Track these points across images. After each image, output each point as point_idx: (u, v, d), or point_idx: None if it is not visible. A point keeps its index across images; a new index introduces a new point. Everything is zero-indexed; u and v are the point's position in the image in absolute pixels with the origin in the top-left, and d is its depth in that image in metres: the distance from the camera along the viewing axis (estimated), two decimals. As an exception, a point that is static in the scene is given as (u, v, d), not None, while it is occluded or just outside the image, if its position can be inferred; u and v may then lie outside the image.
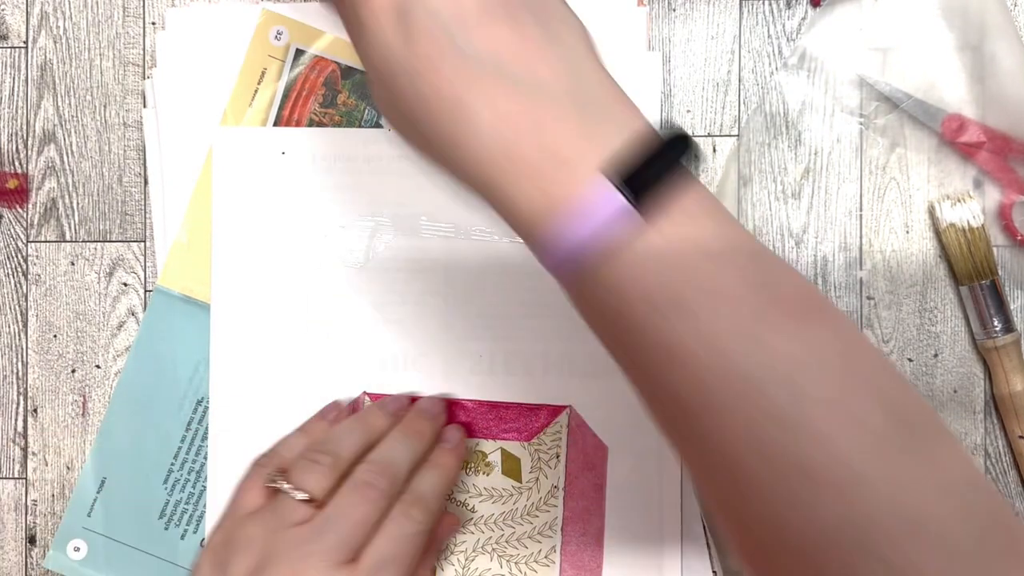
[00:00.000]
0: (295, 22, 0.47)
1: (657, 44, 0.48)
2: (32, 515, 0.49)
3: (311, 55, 0.47)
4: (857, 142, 0.47)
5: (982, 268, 0.45)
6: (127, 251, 0.49)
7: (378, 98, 0.34)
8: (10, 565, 0.48)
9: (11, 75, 0.49)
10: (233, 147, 0.47)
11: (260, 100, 0.47)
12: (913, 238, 0.47)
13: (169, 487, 0.48)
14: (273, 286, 0.47)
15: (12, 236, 0.49)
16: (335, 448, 0.41)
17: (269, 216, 0.47)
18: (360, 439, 0.42)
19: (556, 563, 0.46)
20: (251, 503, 0.41)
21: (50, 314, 0.49)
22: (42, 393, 0.49)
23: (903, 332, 0.47)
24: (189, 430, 0.48)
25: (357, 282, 0.47)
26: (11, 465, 0.49)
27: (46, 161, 0.49)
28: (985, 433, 0.47)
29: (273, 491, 0.40)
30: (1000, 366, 0.45)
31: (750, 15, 0.48)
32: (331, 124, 0.48)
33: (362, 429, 0.43)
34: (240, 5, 0.48)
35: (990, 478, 0.47)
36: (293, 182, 0.47)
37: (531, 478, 0.47)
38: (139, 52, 0.49)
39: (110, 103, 0.49)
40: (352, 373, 0.47)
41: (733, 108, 0.48)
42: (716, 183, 0.47)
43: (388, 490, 0.40)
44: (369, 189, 0.47)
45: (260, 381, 0.47)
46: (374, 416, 0.44)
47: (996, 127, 0.46)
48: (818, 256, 0.47)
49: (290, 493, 0.39)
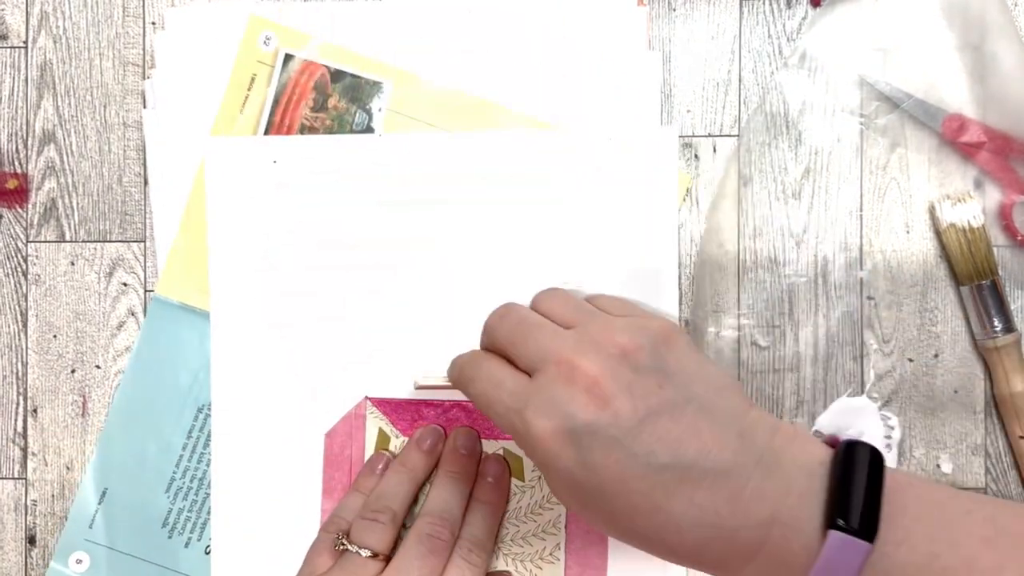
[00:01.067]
0: (283, 27, 0.47)
1: (657, 44, 0.48)
2: (32, 515, 0.48)
3: (300, 60, 0.47)
4: (857, 142, 0.47)
5: (982, 268, 0.45)
6: (127, 251, 0.49)
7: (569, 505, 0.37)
8: (10, 565, 0.48)
9: (11, 75, 0.49)
10: (225, 157, 0.47)
11: (251, 106, 0.47)
12: (913, 238, 0.47)
13: (172, 495, 0.47)
14: (271, 294, 0.47)
15: (12, 236, 0.49)
16: (389, 503, 0.44)
17: (264, 224, 0.47)
18: (409, 488, 0.45)
19: (561, 560, 0.46)
20: (322, 567, 0.43)
21: (50, 314, 0.49)
22: (42, 393, 0.49)
23: (903, 332, 0.47)
24: (191, 438, 0.48)
25: (354, 287, 0.47)
26: (11, 465, 0.49)
27: (46, 161, 0.49)
28: (985, 433, 0.47)
29: (340, 553, 0.43)
30: (1000, 366, 0.45)
31: (750, 15, 0.48)
32: (322, 128, 0.47)
33: (409, 477, 0.45)
34: (240, 5, 0.48)
35: (990, 479, 0.47)
36: (286, 190, 0.47)
37: (533, 476, 0.47)
38: (139, 52, 0.49)
39: (110, 103, 0.49)
40: (353, 378, 0.47)
41: (733, 108, 0.48)
42: (716, 183, 0.47)
43: (450, 539, 0.42)
44: (363, 194, 0.47)
45: (261, 387, 0.47)
46: (414, 459, 0.45)
47: (997, 127, 0.46)
48: (818, 256, 0.47)
49: (358, 552, 0.42)
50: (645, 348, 0.35)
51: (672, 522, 0.33)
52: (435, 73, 0.47)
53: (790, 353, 0.47)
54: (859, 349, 0.47)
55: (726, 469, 0.33)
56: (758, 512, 0.32)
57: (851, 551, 0.31)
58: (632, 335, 0.35)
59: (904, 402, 0.47)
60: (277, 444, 0.47)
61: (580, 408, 0.33)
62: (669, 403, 0.34)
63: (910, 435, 0.47)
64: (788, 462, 0.33)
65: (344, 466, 0.47)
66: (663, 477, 0.33)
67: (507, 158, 0.47)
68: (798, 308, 0.47)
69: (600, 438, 0.33)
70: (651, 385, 0.34)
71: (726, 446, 0.33)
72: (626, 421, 0.33)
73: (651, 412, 0.33)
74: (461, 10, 0.47)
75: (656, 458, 0.33)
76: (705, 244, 0.47)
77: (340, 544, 0.43)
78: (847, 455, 0.33)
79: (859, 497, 0.32)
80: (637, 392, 0.34)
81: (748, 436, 0.34)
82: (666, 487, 0.33)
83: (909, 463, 0.47)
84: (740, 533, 0.33)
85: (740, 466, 0.33)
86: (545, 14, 0.47)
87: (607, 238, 0.46)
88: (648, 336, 0.35)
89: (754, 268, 0.47)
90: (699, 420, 0.33)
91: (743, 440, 0.33)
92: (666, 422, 0.33)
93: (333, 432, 0.47)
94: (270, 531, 0.47)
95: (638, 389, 0.34)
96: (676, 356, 0.35)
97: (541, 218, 0.47)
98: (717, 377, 0.36)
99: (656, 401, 0.33)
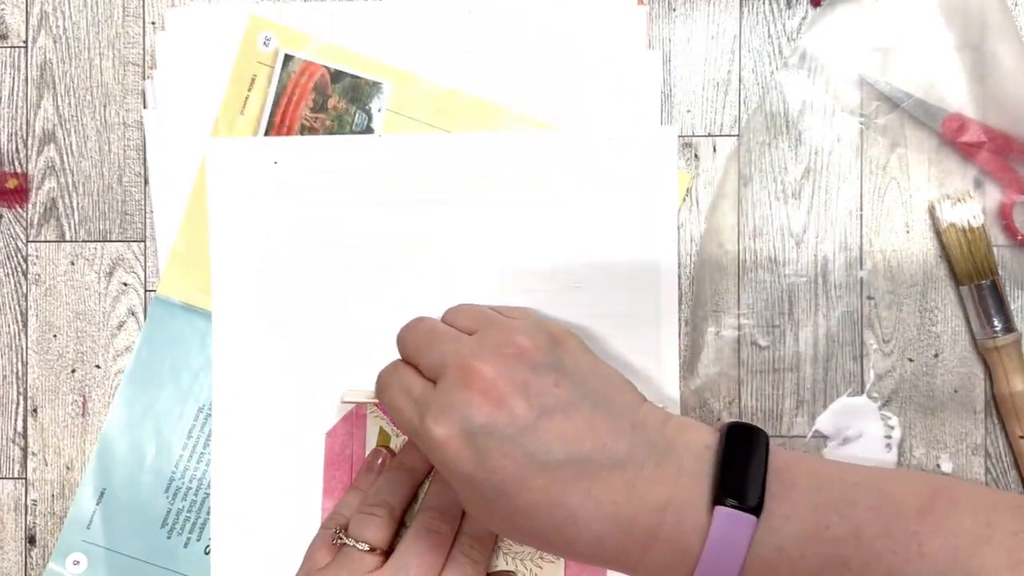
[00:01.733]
0: (283, 27, 0.47)
1: (657, 44, 0.48)
2: (32, 515, 0.48)
3: (300, 60, 0.47)
4: (857, 142, 0.47)
5: (982, 268, 0.45)
6: (127, 251, 0.49)
7: (471, 509, 0.37)
8: (10, 565, 0.48)
9: (11, 75, 0.49)
10: (225, 158, 0.47)
11: (251, 107, 0.47)
12: (913, 238, 0.47)
13: (171, 496, 0.47)
14: (272, 294, 0.47)
15: (12, 236, 0.49)
16: (386, 498, 0.44)
17: (265, 225, 0.47)
18: (407, 485, 0.44)
19: (561, 559, 0.46)
20: (320, 562, 0.43)
21: (50, 314, 0.49)
22: (42, 393, 0.49)
23: (903, 332, 0.47)
24: (191, 438, 0.48)
25: (355, 287, 0.47)
26: (11, 465, 0.49)
27: (46, 161, 0.49)
28: (985, 433, 0.47)
29: (338, 547, 0.43)
30: (1000, 366, 0.45)
31: (750, 15, 0.48)
32: (322, 129, 0.48)
33: (407, 474, 0.45)
34: (240, 5, 0.48)
35: (990, 478, 0.47)
36: (287, 191, 0.47)
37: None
38: (139, 52, 0.49)
39: (110, 103, 0.49)
40: (353, 377, 0.47)
41: (733, 108, 0.48)
42: (716, 183, 0.47)
43: (450, 534, 0.42)
44: (363, 194, 0.47)
45: (262, 386, 0.47)
46: (412, 457, 0.45)
47: (997, 127, 0.46)
48: (818, 256, 0.47)
49: (355, 546, 0.42)
50: (541, 348, 0.36)
51: (570, 517, 0.33)
52: (435, 73, 0.47)
53: (790, 353, 0.47)
54: (859, 349, 0.47)
55: (621, 460, 0.34)
56: (653, 498, 0.33)
57: (739, 526, 0.32)
58: (529, 335, 0.37)
59: (904, 402, 0.47)
60: (277, 444, 0.47)
61: (476, 410, 0.34)
62: (564, 400, 0.35)
63: (910, 435, 0.47)
64: (680, 447, 0.34)
65: (345, 465, 0.47)
66: (560, 473, 0.33)
67: (507, 158, 0.47)
68: (798, 308, 0.47)
69: (497, 438, 0.34)
70: (547, 383, 0.35)
71: (620, 438, 0.34)
72: (522, 420, 0.34)
73: (546, 410, 0.34)
74: (461, 10, 0.47)
75: (552, 455, 0.33)
76: (705, 244, 0.47)
77: (337, 538, 0.43)
78: (732, 436, 0.34)
79: (743, 474, 0.33)
80: (532, 391, 0.35)
81: (641, 427, 0.35)
82: (563, 483, 0.33)
83: (909, 463, 0.47)
84: (637, 521, 0.33)
85: (634, 456, 0.34)
86: (545, 14, 0.47)
87: (607, 238, 0.46)
88: (544, 336, 0.37)
89: (754, 268, 0.47)
90: (594, 415, 0.34)
91: (636, 431, 0.35)
92: (561, 419, 0.34)
93: (334, 431, 0.47)
94: (270, 531, 0.47)
95: (533, 387, 0.35)
96: (572, 355, 0.37)
97: (541, 218, 0.47)
98: (611, 375, 0.37)
99: (551, 399, 0.34)
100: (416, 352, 0.39)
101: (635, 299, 0.46)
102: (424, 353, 0.38)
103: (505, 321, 0.39)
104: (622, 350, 0.46)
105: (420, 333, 0.40)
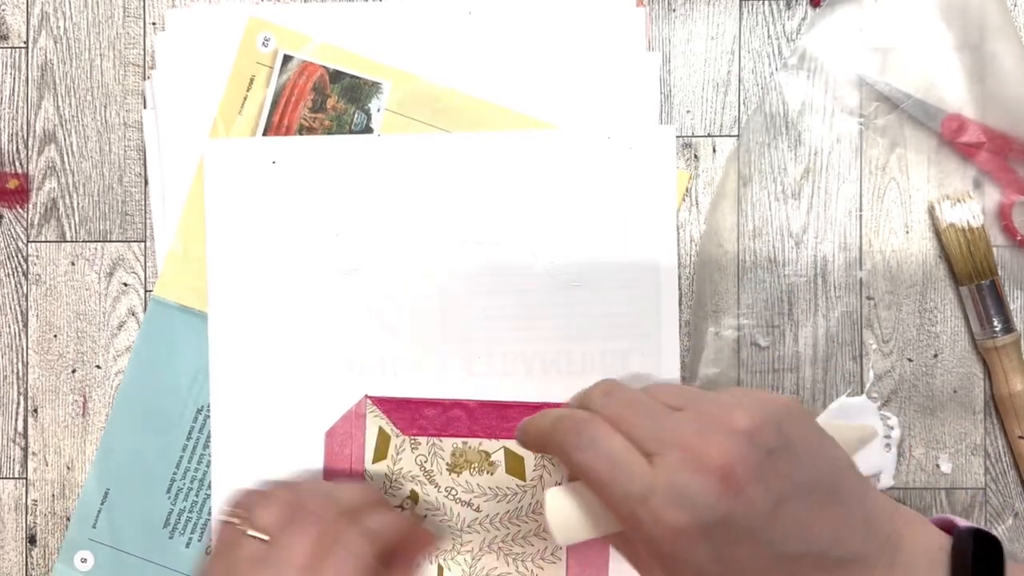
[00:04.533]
0: (282, 28, 0.47)
1: (657, 44, 0.48)
2: (32, 515, 0.49)
3: (299, 60, 0.47)
4: (857, 142, 0.47)
5: (982, 268, 0.45)
6: (127, 251, 0.49)
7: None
8: (10, 565, 0.48)
9: (11, 75, 0.49)
10: (224, 159, 0.47)
11: (250, 107, 0.48)
12: (913, 238, 0.47)
13: (172, 496, 0.48)
14: (269, 295, 0.47)
15: (12, 236, 0.49)
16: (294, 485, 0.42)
17: (263, 226, 0.47)
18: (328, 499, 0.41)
19: (563, 560, 0.46)
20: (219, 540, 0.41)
21: (50, 314, 0.49)
22: (42, 393, 0.49)
23: (903, 332, 0.47)
24: (190, 439, 0.48)
25: (353, 288, 0.47)
26: (11, 465, 0.49)
27: (46, 161, 0.49)
28: (985, 433, 0.47)
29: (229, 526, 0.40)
30: (1000, 366, 0.45)
31: (750, 15, 0.48)
32: (321, 129, 0.48)
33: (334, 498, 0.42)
34: (240, 6, 0.48)
35: (989, 478, 0.47)
36: (285, 191, 0.47)
37: (535, 476, 0.47)
38: (139, 52, 0.49)
39: (110, 103, 0.49)
40: (353, 377, 0.47)
41: (733, 108, 0.48)
42: (716, 183, 0.47)
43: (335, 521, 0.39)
44: (361, 195, 0.47)
45: (260, 387, 0.47)
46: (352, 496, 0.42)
47: (996, 127, 0.46)
48: (818, 256, 0.47)
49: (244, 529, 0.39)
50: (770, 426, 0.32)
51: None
52: (435, 73, 0.47)
53: (790, 353, 0.47)
54: (858, 349, 0.47)
55: (855, 556, 0.32)
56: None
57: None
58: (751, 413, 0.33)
59: (903, 402, 0.47)
60: (277, 443, 0.47)
61: (714, 499, 0.31)
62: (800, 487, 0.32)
63: (909, 435, 0.47)
64: (909, 547, 0.33)
65: (344, 465, 0.47)
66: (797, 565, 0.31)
67: (506, 158, 0.47)
68: (798, 308, 0.47)
69: (735, 529, 0.31)
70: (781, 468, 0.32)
71: (855, 533, 0.32)
72: (760, 509, 0.31)
73: (783, 498, 0.31)
74: (461, 11, 0.47)
75: (790, 546, 0.31)
76: (705, 244, 0.47)
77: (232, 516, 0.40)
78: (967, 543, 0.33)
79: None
80: (769, 476, 0.31)
81: (873, 521, 0.33)
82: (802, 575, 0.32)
83: (908, 463, 0.47)
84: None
85: (867, 553, 0.32)
86: (545, 15, 0.47)
87: (606, 238, 0.46)
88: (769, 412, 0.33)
89: (754, 268, 0.47)
90: (828, 505, 0.32)
91: (868, 525, 0.33)
92: (798, 508, 0.32)
93: (333, 431, 0.47)
94: (270, 531, 0.47)
95: (769, 473, 0.31)
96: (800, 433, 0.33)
97: (541, 218, 0.47)
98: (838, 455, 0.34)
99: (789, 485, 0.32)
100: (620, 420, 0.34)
101: (635, 299, 0.46)
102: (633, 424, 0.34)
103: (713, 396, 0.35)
104: (622, 350, 0.46)
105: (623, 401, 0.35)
